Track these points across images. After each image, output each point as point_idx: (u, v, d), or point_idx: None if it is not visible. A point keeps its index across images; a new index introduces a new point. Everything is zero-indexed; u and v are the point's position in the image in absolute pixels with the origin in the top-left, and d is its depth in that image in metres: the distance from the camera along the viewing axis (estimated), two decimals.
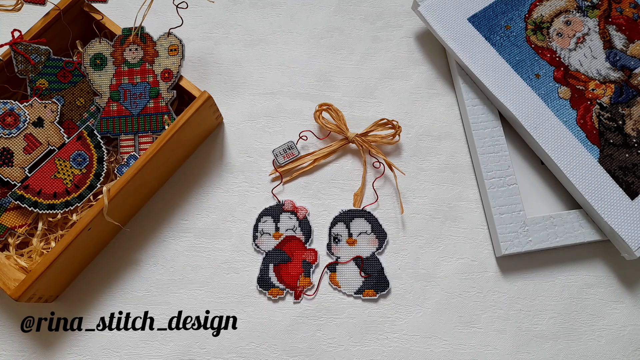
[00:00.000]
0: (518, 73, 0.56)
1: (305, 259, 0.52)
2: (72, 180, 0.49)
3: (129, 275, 0.53)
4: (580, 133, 0.54)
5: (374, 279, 0.51)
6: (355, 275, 0.51)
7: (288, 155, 0.53)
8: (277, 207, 0.53)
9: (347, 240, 0.52)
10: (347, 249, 0.52)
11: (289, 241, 0.52)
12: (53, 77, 0.52)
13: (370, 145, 0.54)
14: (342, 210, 0.53)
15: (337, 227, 0.53)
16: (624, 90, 0.55)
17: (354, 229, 0.53)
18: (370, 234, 0.52)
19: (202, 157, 0.57)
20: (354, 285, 0.51)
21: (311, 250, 0.52)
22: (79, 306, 0.51)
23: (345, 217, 0.53)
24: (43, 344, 0.50)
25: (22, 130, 0.50)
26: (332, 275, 0.51)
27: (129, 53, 0.53)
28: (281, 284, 0.51)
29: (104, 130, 0.52)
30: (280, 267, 0.51)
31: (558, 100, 0.55)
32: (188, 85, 0.52)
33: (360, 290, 0.51)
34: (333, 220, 0.53)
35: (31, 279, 0.44)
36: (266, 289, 0.51)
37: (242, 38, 0.62)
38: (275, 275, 0.51)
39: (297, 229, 0.52)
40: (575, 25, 0.58)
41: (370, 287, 0.51)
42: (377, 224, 0.53)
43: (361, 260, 0.51)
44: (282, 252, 0.52)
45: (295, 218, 0.52)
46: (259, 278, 0.51)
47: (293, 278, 0.51)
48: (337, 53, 0.61)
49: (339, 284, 0.51)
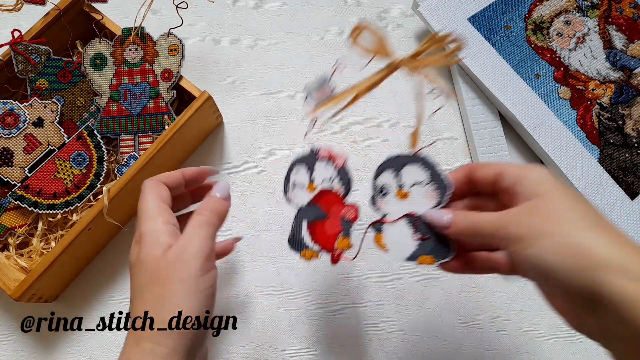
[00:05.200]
0: (518, 73, 0.56)
1: (344, 215, 0.43)
2: (72, 180, 0.49)
3: (129, 275, 0.52)
4: (580, 133, 0.54)
5: (431, 241, 0.39)
6: (408, 237, 0.40)
7: (322, 93, 0.43)
8: (311, 155, 0.44)
9: (397, 193, 0.41)
10: (396, 204, 0.41)
11: (325, 195, 0.43)
12: (53, 77, 0.52)
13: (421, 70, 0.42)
14: (390, 156, 0.42)
15: (383, 177, 0.42)
16: (624, 90, 0.55)
17: (406, 179, 0.41)
18: (427, 185, 0.41)
19: (202, 157, 0.57)
20: (405, 248, 0.40)
21: (351, 206, 0.43)
22: (79, 306, 0.51)
23: (395, 164, 0.42)
24: (43, 344, 0.50)
25: (22, 130, 0.50)
26: (378, 236, 0.40)
27: (129, 53, 0.53)
28: (316, 245, 0.42)
29: (104, 130, 0.52)
30: (315, 224, 0.42)
31: (558, 100, 0.55)
32: (188, 85, 0.52)
33: (414, 256, 0.40)
34: (379, 168, 0.42)
35: (31, 279, 0.44)
36: (298, 249, 0.42)
37: (242, 38, 0.62)
38: (309, 234, 0.42)
39: (334, 179, 0.43)
40: (575, 25, 0.58)
41: (426, 251, 0.40)
42: (436, 172, 0.41)
43: (415, 219, 0.40)
44: (317, 208, 0.43)
45: (332, 167, 0.43)
46: (291, 238, 0.41)
47: (330, 238, 0.42)
48: (337, 53, 0.61)
49: (386, 247, 0.40)
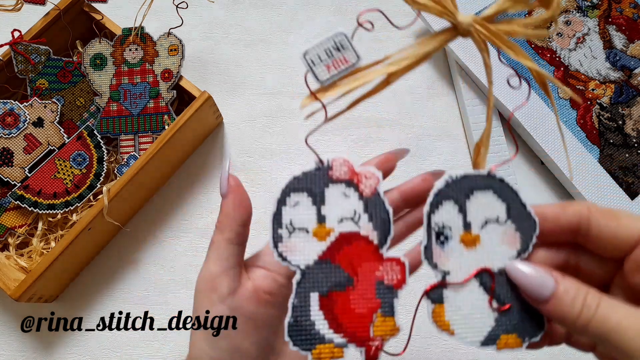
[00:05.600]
0: None
1: (383, 279, 0.27)
2: (72, 180, 0.49)
3: (129, 275, 0.52)
4: (580, 133, 0.54)
5: (516, 311, 0.26)
6: (481, 307, 0.27)
7: (336, 64, 0.26)
8: (319, 175, 0.27)
9: (463, 237, 0.27)
10: (462, 255, 0.27)
11: (347, 243, 0.27)
12: (53, 77, 0.52)
13: (503, 41, 0.27)
14: (451, 177, 0.27)
15: (442, 211, 0.27)
16: (623, 90, 0.55)
17: (475, 214, 0.27)
18: (507, 223, 0.27)
19: (202, 157, 0.57)
20: (479, 325, 0.26)
21: (393, 261, 0.27)
22: (79, 306, 0.51)
23: (458, 191, 0.27)
24: (43, 344, 0.50)
25: (22, 130, 0.50)
26: (438, 309, 0.27)
27: (129, 53, 0.53)
28: (338, 335, 0.26)
29: (104, 130, 0.52)
30: (334, 298, 0.26)
31: (558, 100, 0.55)
32: (188, 85, 0.52)
33: (493, 337, 0.26)
34: (434, 198, 0.27)
35: (31, 279, 0.44)
36: (308, 346, 0.26)
37: (242, 38, 0.62)
38: (323, 316, 0.26)
39: (361, 216, 0.27)
40: (575, 25, 0.58)
41: (509, 328, 0.26)
42: (520, 204, 0.27)
43: (491, 277, 0.27)
44: (334, 268, 0.27)
45: (357, 194, 0.27)
46: (292, 324, 0.26)
47: (360, 320, 0.26)
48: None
49: (451, 326, 0.27)
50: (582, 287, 0.23)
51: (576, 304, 0.23)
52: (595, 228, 0.24)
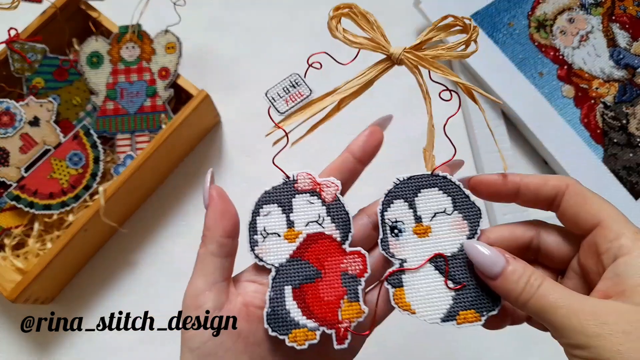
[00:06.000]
0: (521, 71, 0.55)
1: (347, 270, 0.31)
2: (68, 180, 0.49)
3: (128, 275, 0.52)
4: (584, 132, 0.53)
5: (471, 289, 0.30)
6: (438, 288, 0.30)
7: (293, 97, 0.32)
8: (286, 188, 0.32)
9: (415, 229, 0.31)
10: (416, 244, 0.31)
11: (314, 243, 0.31)
12: (49, 75, 0.52)
13: (431, 64, 0.32)
14: (399, 179, 0.32)
15: (394, 209, 0.31)
16: (627, 89, 0.54)
17: (424, 209, 0.31)
18: (454, 214, 0.31)
19: (199, 157, 0.56)
20: (438, 304, 0.30)
21: (355, 254, 0.31)
22: (79, 306, 0.51)
23: (407, 190, 0.32)
24: (43, 344, 0.50)
25: (18, 130, 0.49)
26: (398, 292, 0.30)
27: (126, 51, 0.52)
28: (310, 320, 0.29)
29: (101, 130, 0.51)
30: (305, 289, 0.30)
31: (561, 98, 0.54)
32: (185, 84, 0.52)
33: (452, 313, 0.30)
34: (386, 198, 0.31)
35: (27, 280, 0.44)
36: (285, 331, 0.29)
37: (240, 36, 0.61)
38: (297, 306, 0.30)
39: (324, 219, 0.31)
40: (579, 23, 0.57)
41: (466, 305, 0.30)
42: (463, 195, 0.31)
43: (444, 261, 0.30)
44: (303, 264, 0.31)
45: (320, 202, 0.32)
46: (270, 313, 0.29)
47: (330, 306, 0.30)
48: (337, 52, 0.61)
49: (412, 307, 0.30)
50: (528, 268, 0.26)
51: (520, 282, 0.25)
52: (564, 204, 0.27)
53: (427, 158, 0.33)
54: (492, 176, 0.30)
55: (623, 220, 0.26)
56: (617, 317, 0.23)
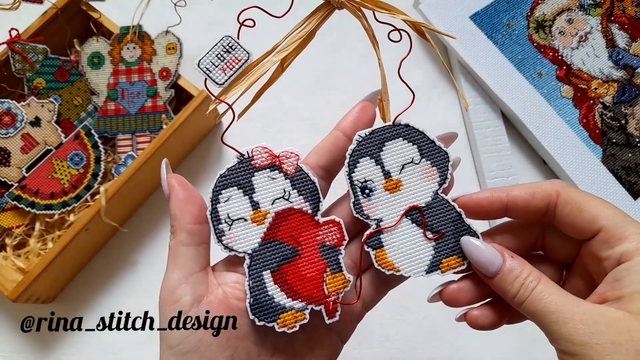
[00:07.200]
0: (520, 72, 0.55)
1: (324, 241, 0.29)
2: (70, 180, 0.49)
3: (128, 275, 0.52)
4: (582, 132, 0.53)
5: (450, 236, 0.29)
6: (418, 241, 0.29)
7: (230, 64, 0.28)
8: (243, 167, 0.29)
9: (386, 185, 0.30)
10: (389, 201, 0.29)
11: (285, 220, 0.29)
12: (50, 76, 0.52)
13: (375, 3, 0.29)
14: (361, 135, 0.30)
15: (361, 168, 0.30)
16: (626, 89, 0.55)
17: (391, 162, 0.30)
18: (422, 162, 0.30)
19: (200, 157, 0.56)
20: (420, 258, 0.29)
21: (329, 224, 0.29)
22: (79, 306, 0.51)
23: (371, 146, 0.30)
24: (43, 344, 0.50)
25: (20, 130, 0.49)
26: (379, 253, 0.29)
27: (127, 52, 0.53)
28: (296, 301, 0.28)
29: (102, 130, 0.51)
30: (284, 270, 0.28)
31: (561, 99, 0.54)
32: (186, 84, 0.52)
33: (435, 264, 0.29)
34: (351, 158, 0.29)
35: (28, 280, 0.44)
36: (272, 318, 0.27)
37: (241, 36, 0.61)
38: (280, 289, 0.28)
39: (290, 193, 0.29)
40: (578, 23, 0.57)
41: (448, 252, 0.29)
42: (428, 142, 0.30)
43: (419, 212, 0.30)
44: (279, 245, 0.29)
45: (282, 175, 0.29)
46: (253, 303, 0.27)
47: (314, 283, 0.28)
48: (337, 52, 0.61)
49: (396, 265, 0.29)
50: (526, 268, 0.25)
51: (516, 283, 0.25)
52: (559, 214, 0.26)
53: (385, 109, 0.30)
54: (477, 197, 0.29)
55: (624, 223, 0.25)
56: (607, 327, 0.22)
